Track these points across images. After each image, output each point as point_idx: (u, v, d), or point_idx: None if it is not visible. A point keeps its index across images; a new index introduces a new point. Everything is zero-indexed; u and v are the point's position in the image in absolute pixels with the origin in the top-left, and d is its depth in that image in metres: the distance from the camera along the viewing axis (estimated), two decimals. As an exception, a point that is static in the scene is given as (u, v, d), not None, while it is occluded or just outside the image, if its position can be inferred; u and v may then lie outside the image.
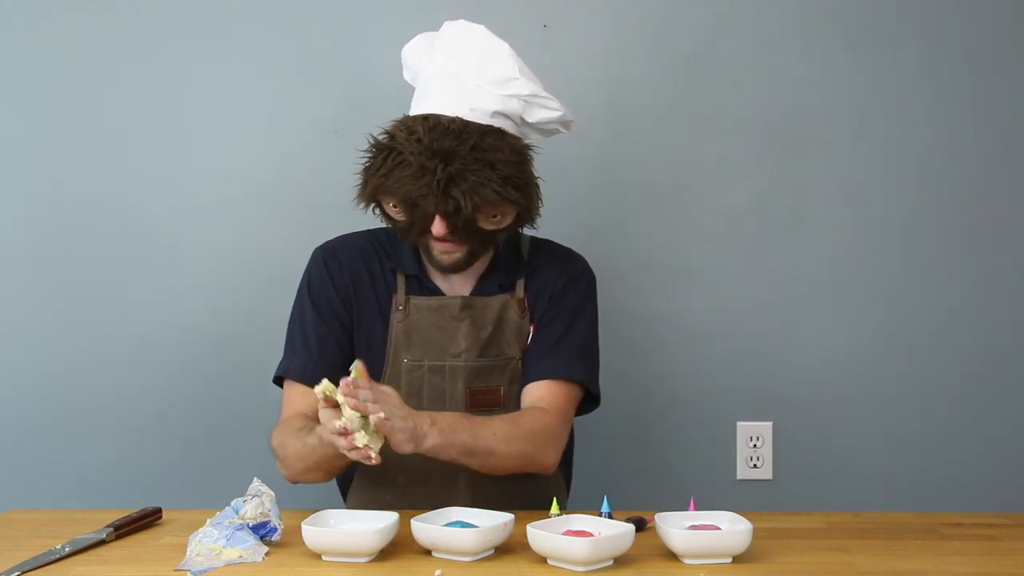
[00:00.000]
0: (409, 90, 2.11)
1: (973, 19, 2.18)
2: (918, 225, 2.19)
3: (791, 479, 2.19)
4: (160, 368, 2.14)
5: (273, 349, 2.13)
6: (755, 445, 2.19)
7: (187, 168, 2.15)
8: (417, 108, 1.66)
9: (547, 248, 1.81)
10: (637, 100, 2.15)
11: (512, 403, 1.70)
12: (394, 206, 1.64)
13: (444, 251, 1.65)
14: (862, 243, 2.19)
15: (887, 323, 2.19)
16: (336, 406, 1.45)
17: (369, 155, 1.65)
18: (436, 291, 1.73)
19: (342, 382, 1.43)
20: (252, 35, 2.15)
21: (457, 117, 1.60)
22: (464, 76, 1.64)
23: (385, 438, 1.46)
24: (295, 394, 1.71)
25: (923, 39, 2.18)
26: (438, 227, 1.60)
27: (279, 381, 1.75)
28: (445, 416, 1.56)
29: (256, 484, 1.44)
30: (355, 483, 1.76)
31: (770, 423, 2.19)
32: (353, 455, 1.44)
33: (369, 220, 2.02)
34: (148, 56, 2.14)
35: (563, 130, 1.73)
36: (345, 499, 1.82)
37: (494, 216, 1.63)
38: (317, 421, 1.52)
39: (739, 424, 2.19)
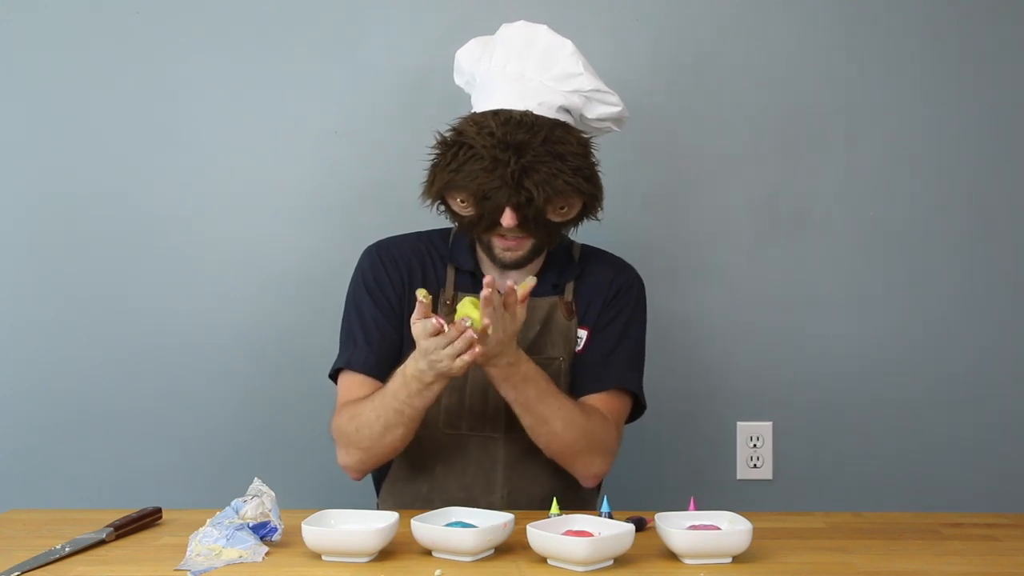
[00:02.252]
0: (407, 93, 2.13)
1: (974, 19, 2.18)
2: (918, 225, 2.19)
3: (791, 479, 2.19)
4: (160, 368, 2.14)
5: (273, 349, 2.14)
6: (755, 445, 2.19)
7: (186, 168, 2.15)
8: (480, 107, 1.68)
9: (598, 254, 1.84)
10: (637, 100, 2.14)
11: None
12: (462, 201, 1.65)
13: (507, 248, 1.67)
14: (863, 243, 2.19)
15: (887, 323, 2.19)
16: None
17: (436, 152, 1.67)
18: None
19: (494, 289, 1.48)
20: (252, 35, 2.15)
21: (527, 111, 1.63)
22: (528, 75, 1.68)
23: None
24: (354, 384, 1.70)
25: (924, 39, 2.18)
26: (508, 219, 1.61)
27: (334, 376, 1.75)
28: (532, 367, 1.59)
29: (256, 484, 1.44)
30: (391, 476, 1.77)
31: (770, 423, 2.19)
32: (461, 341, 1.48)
33: (372, 219, 2.03)
34: (148, 56, 2.14)
35: (615, 128, 1.76)
36: (379, 493, 1.82)
37: (562, 208, 1.66)
38: None
39: (739, 424, 2.19)
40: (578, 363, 1.74)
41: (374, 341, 1.71)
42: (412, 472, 1.73)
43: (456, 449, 1.70)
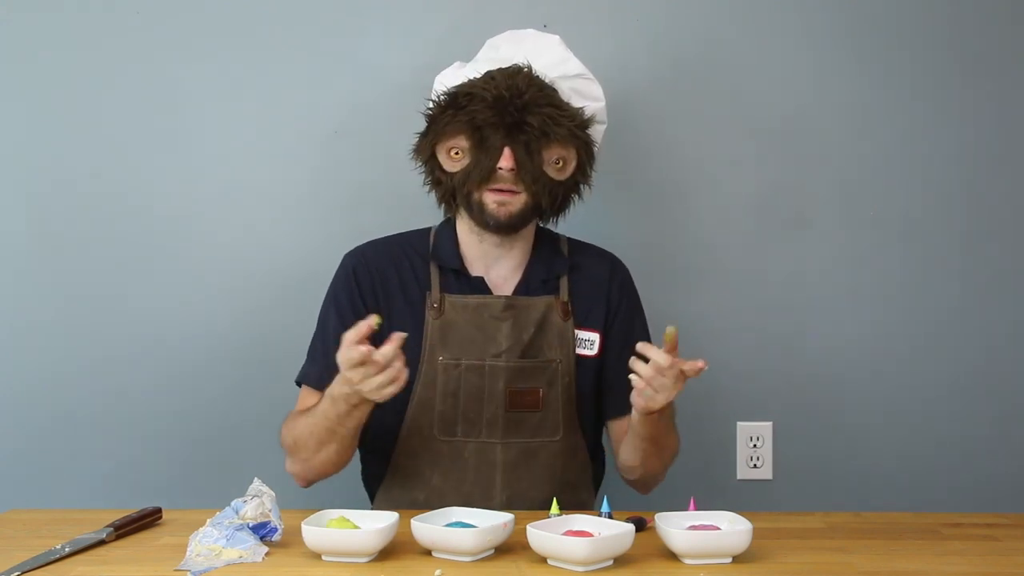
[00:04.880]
0: (407, 93, 2.12)
1: (974, 20, 2.18)
2: (918, 225, 2.19)
3: (791, 479, 2.19)
4: (160, 369, 2.14)
5: (273, 349, 2.14)
6: (755, 445, 2.19)
7: (186, 168, 2.15)
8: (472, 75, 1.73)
9: (583, 248, 1.84)
10: (637, 100, 2.15)
11: (550, 406, 1.70)
12: (456, 153, 1.66)
13: (501, 202, 1.65)
14: (862, 243, 2.19)
15: (887, 323, 2.19)
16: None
17: (431, 110, 1.71)
18: (478, 284, 1.72)
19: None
20: (252, 35, 2.15)
21: (528, 65, 1.69)
22: (520, 65, 1.72)
23: None
24: (308, 398, 1.72)
25: (924, 39, 2.18)
26: (507, 158, 1.62)
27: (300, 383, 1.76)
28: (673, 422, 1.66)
29: (256, 484, 1.44)
30: (385, 482, 1.75)
31: (770, 423, 2.19)
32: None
33: (372, 219, 2.03)
34: (148, 56, 2.14)
35: (595, 123, 1.78)
36: (372, 499, 1.81)
37: (557, 162, 1.67)
38: None
39: (739, 424, 2.19)
40: (611, 375, 1.73)
41: (333, 358, 1.68)
42: (407, 480, 1.71)
43: (452, 456, 1.68)
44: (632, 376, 1.52)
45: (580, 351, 1.73)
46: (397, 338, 1.46)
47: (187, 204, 2.15)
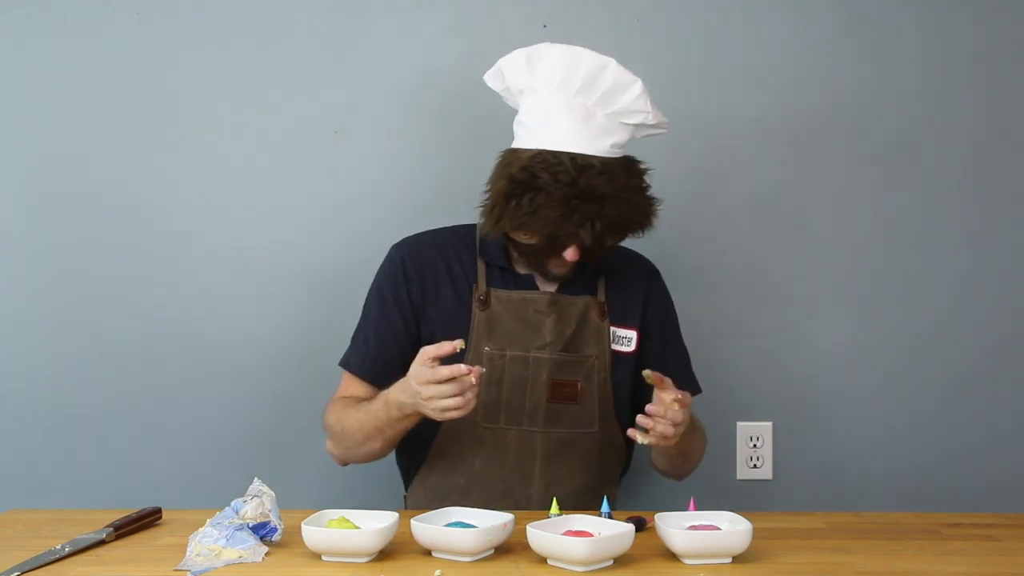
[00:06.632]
0: (407, 93, 2.12)
1: (974, 18, 2.18)
2: (918, 225, 2.20)
3: (791, 479, 2.19)
4: (160, 368, 2.14)
5: (273, 348, 2.14)
6: (755, 445, 2.19)
7: (186, 168, 2.15)
8: (540, 135, 1.65)
9: (620, 251, 1.85)
10: (637, 100, 2.15)
11: (587, 398, 1.75)
12: (526, 234, 1.68)
13: (561, 266, 1.72)
14: (862, 243, 2.19)
15: (887, 323, 2.19)
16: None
17: (503, 186, 1.65)
18: (523, 280, 1.77)
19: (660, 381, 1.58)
20: (252, 35, 2.15)
21: (605, 159, 1.64)
22: (595, 111, 1.67)
23: None
24: (351, 384, 1.78)
25: (924, 39, 2.18)
26: (572, 255, 1.66)
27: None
28: (695, 422, 1.73)
29: (256, 484, 1.45)
30: (424, 468, 1.79)
31: (770, 423, 2.19)
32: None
33: (372, 219, 2.03)
34: (148, 57, 2.14)
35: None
36: (409, 484, 1.84)
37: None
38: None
39: (739, 424, 2.19)
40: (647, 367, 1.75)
41: (373, 347, 1.76)
42: (448, 465, 1.76)
43: (494, 443, 1.73)
44: (642, 419, 1.58)
45: (617, 347, 1.79)
46: (478, 370, 1.52)
47: (185, 204, 2.15)
